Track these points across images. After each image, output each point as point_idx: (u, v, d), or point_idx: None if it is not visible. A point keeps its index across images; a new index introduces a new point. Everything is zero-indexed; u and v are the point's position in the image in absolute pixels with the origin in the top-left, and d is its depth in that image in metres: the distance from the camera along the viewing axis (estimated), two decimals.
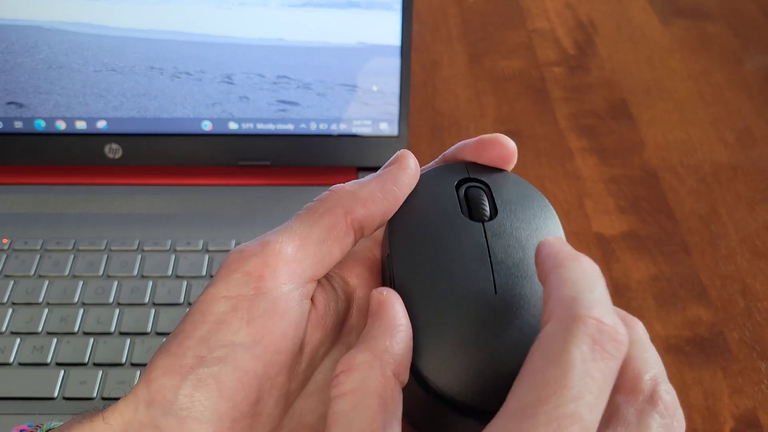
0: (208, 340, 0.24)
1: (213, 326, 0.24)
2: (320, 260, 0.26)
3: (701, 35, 0.77)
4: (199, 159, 0.56)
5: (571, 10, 0.81)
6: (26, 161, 0.55)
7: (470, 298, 0.24)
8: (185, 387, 0.23)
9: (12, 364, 0.44)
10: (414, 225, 0.26)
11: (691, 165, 0.62)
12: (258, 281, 0.24)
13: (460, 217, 0.26)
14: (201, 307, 0.24)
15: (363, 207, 0.26)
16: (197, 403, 0.23)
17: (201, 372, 0.23)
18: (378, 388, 0.22)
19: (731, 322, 0.50)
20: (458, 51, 0.75)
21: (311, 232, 0.25)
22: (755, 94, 0.70)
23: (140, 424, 0.24)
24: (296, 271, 0.25)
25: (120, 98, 0.53)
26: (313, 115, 0.54)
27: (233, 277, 0.24)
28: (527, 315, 0.24)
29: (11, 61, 0.52)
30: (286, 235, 0.25)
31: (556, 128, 0.66)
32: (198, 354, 0.24)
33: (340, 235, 0.26)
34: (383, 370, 0.23)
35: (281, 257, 0.25)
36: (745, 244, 0.56)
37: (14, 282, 0.48)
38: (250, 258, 0.25)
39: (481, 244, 0.25)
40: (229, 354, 0.24)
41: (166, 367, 0.24)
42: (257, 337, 0.24)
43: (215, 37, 0.52)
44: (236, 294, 0.24)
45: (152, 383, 0.24)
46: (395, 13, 0.52)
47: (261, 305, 0.24)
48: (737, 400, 0.46)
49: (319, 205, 0.26)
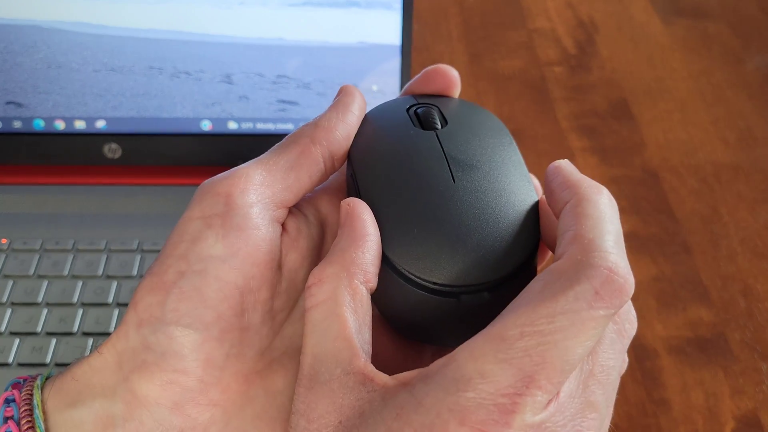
0: (187, 256, 0.25)
1: (189, 244, 0.25)
2: (288, 186, 0.27)
3: (702, 35, 0.77)
4: (198, 159, 0.56)
5: (572, 10, 0.81)
6: (25, 161, 0.55)
7: (431, 189, 0.26)
8: (170, 301, 0.24)
9: (11, 364, 0.44)
10: (372, 141, 0.28)
11: (692, 165, 0.62)
12: (227, 198, 0.26)
13: (413, 128, 0.28)
14: (178, 230, 0.26)
15: (326, 132, 0.28)
16: (184, 315, 0.24)
17: (183, 284, 0.24)
18: (346, 298, 0.23)
19: (732, 323, 0.50)
20: (458, 51, 0.75)
21: (278, 159, 0.27)
22: (756, 93, 0.70)
23: (132, 350, 0.24)
24: (265, 193, 0.26)
25: (119, 98, 0.53)
26: (313, 115, 0.54)
27: (205, 199, 0.26)
28: (486, 198, 0.25)
29: (10, 61, 0.52)
30: (254, 163, 0.27)
31: (556, 128, 0.66)
32: (178, 269, 0.25)
33: (308, 162, 0.27)
34: (350, 280, 0.24)
35: (249, 179, 0.26)
36: (747, 244, 0.56)
37: (13, 282, 0.48)
38: (220, 181, 0.26)
39: (436, 147, 0.27)
40: (208, 266, 0.25)
41: (149, 286, 0.25)
42: (233, 250, 0.25)
43: (215, 37, 0.52)
44: (209, 213, 0.26)
45: (138, 304, 0.25)
46: (395, 12, 0.52)
47: (233, 220, 0.25)
48: (738, 400, 0.46)
49: (286, 139, 0.28)
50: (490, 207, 0.25)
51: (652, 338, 0.49)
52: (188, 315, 0.24)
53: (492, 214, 0.25)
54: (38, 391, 0.25)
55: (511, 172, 0.27)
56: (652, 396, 0.45)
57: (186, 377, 0.24)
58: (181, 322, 0.24)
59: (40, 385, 0.26)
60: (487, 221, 0.25)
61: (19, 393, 0.25)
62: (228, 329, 0.25)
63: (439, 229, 0.25)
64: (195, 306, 0.24)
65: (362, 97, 0.30)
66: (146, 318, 0.24)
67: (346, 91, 0.30)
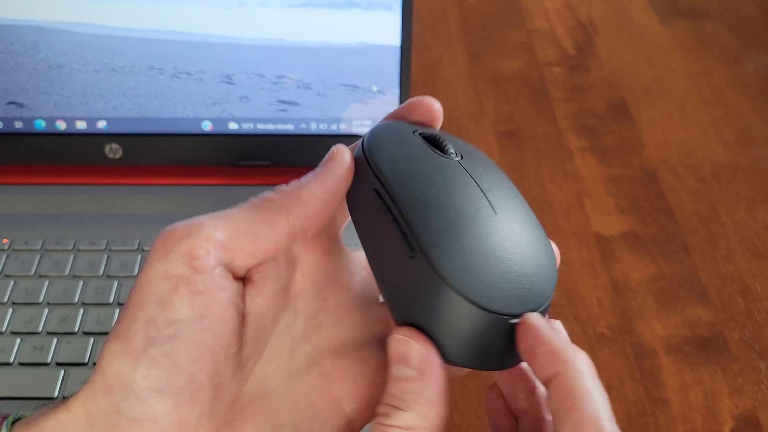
0: (155, 320, 0.24)
1: (157, 306, 0.24)
2: (253, 254, 0.26)
3: (701, 35, 0.77)
4: (199, 159, 0.56)
5: (571, 10, 0.81)
6: (26, 161, 0.55)
7: (481, 219, 0.26)
8: (140, 368, 0.24)
9: (12, 364, 0.44)
10: (396, 160, 0.28)
11: (690, 165, 0.62)
12: (191, 260, 0.25)
13: (436, 155, 0.28)
14: (142, 289, 0.25)
15: (305, 208, 0.27)
16: (155, 382, 0.24)
17: (153, 351, 0.24)
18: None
19: (731, 322, 0.50)
20: (458, 51, 0.75)
21: (249, 225, 0.26)
22: (755, 93, 0.70)
23: (102, 412, 0.24)
24: (228, 256, 0.26)
25: (120, 98, 0.53)
26: (313, 115, 0.55)
27: (170, 257, 0.25)
28: (521, 230, 0.27)
29: (11, 61, 0.52)
30: (223, 222, 0.26)
31: (555, 128, 0.66)
32: (147, 335, 0.24)
33: (279, 234, 0.27)
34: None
35: (213, 241, 0.26)
36: (745, 244, 0.56)
37: (14, 282, 0.48)
38: (185, 239, 0.25)
39: (466, 176, 0.28)
40: (177, 331, 0.24)
41: (117, 351, 0.24)
42: (201, 312, 0.25)
43: (215, 37, 0.52)
44: (174, 273, 0.25)
45: (107, 370, 0.24)
46: (395, 13, 0.52)
47: (198, 283, 0.25)
48: (737, 399, 0.46)
49: (262, 203, 0.27)
50: (526, 238, 0.27)
51: (651, 337, 0.49)
52: (160, 381, 0.24)
53: (529, 245, 0.27)
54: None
55: (523, 205, 0.29)
56: (651, 395, 0.46)
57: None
58: (153, 388, 0.24)
59: (8, 425, 0.25)
60: (526, 252, 0.26)
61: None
62: (200, 390, 0.25)
63: (498, 259, 0.25)
64: (167, 372, 0.24)
65: (352, 161, 0.28)
66: (116, 384, 0.24)
67: (336, 159, 0.28)
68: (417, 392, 0.24)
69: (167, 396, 0.24)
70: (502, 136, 0.65)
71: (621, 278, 0.53)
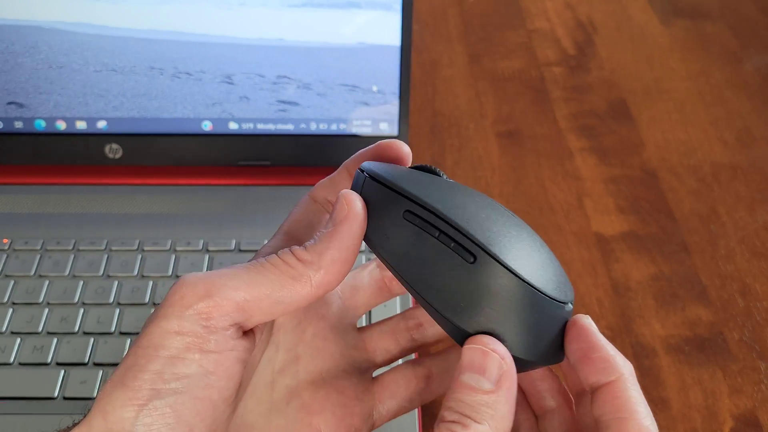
0: (163, 373, 0.25)
1: (167, 360, 0.25)
2: (269, 315, 0.27)
3: (701, 35, 0.77)
4: (199, 159, 0.56)
5: (571, 10, 0.81)
6: (26, 161, 0.55)
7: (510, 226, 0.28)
8: (142, 417, 0.24)
9: (12, 363, 0.44)
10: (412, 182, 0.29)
11: (690, 165, 0.62)
12: (208, 321, 0.26)
13: (437, 177, 0.30)
14: (154, 341, 0.25)
15: (326, 274, 0.27)
16: (155, 431, 0.24)
17: (158, 404, 0.25)
18: None
19: (731, 322, 0.50)
20: (458, 51, 0.75)
21: (271, 292, 0.26)
22: (755, 94, 0.70)
23: None
24: (244, 316, 0.26)
25: (120, 98, 0.53)
26: (313, 115, 0.55)
27: (186, 314, 0.25)
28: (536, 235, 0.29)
29: (11, 61, 0.52)
30: (244, 284, 0.26)
31: (555, 128, 0.66)
32: (154, 387, 0.25)
33: (299, 301, 0.27)
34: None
35: (232, 303, 0.26)
36: (745, 244, 0.56)
37: (14, 282, 0.48)
38: (203, 299, 0.26)
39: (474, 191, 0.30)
40: (184, 385, 0.25)
41: (122, 399, 0.24)
42: (210, 369, 0.25)
43: (215, 37, 0.52)
44: (188, 330, 0.25)
45: (109, 415, 0.24)
46: (395, 13, 0.52)
47: (212, 342, 0.25)
48: (737, 399, 0.46)
49: (285, 268, 0.27)
50: (541, 242, 0.29)
51: (650, 337, 0.49)
52: (159, 431, 0.24)
53: (546, 248, 0.29)
54: None
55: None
56: (650, 395, 0.46)
57: None
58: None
59: None
60: (549, 253, 0.29)
61: None
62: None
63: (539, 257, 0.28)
64: (168, 423, 0.25)
65: (365, 211, 0.28)
66: (116, 430, 0.24)
67: (349, 213, 0.28)
68: (493, 406, 0.25)
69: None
70: (502, 136, 0.65)
71: (621, 278, 0.53)
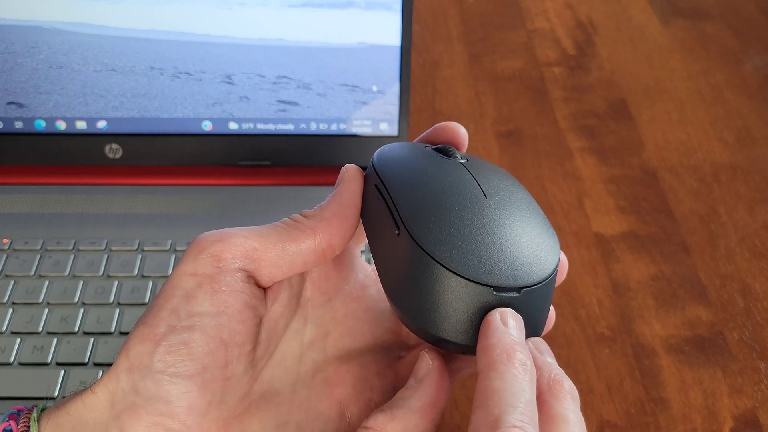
0: (178, 311, 0.27)
1: (182, 299, 0.27)
2: (279, 266, 0.29)
3: (701, 35, 0.78)
4: (199, 159, 0.56)
5: (571, 10, 0.81)
6: (26, 161, 0.55)
7: (463, 201, 0.28)
8: (159, 352, 0.26)
9: (12, 363, 0.44)
10: (397, 161, 0.30)
11: (690, 165, 0.62)
12: (219, 261, 0.28)
13: (439, 157, 0.30)
14: (171, 283, 0.28)
15: (328, 225, 0.30)
16: (171, 366, 0.26)
17: (172, 339, 0.26)
18: None
19: (731, 322, 0.50)
20: (458, 51, 0.75)
21: (278, 240, 0.29)
22: (755, 94, 0.70)
23: (123, 391, 0.27)
24: (253, 265, 0.29)
25: (120, 98, 0.53)
26: (313, 115, 0.55)
27: (200, 258, 0.28)
28: (522, 218, 0.28)
29: (11, 61, 0.52)
30: (252, 233, 0.29)
31: (555, 128, 0.66)
32: (169, 323, 0.27)
33: (305, 251, 0.29)
34: None
35: (242, 248, 0.28)
36: (745, 244, 0.56)
37: (14, 282, 0.48)
38: (216, 243, 0.28)
39: (463, 170, 0.29)
40: (197, 323, 0.27)
41: (141, 336, 0.27)
42: (221, 308, 0.27)
43: (215, 37, 0.52)
44: (201, 272, 0.28)
45: (130, 351, 0.27)
46: (395, 13, 0.52)
47: (221, 282, 0.28)
48: (737, 399, 0.46)
49: (291, 223, 0.30)
50: (522, 224, 0.28)
51: (650, 337, 0.49)
52: (175, 366, 0.26)
53: (524, 231, 0.28)
54: (35, 423, 0.27)
55: (529, 203, 0.30)
56: (650, 395, 0.46)
57: (170, 421, 0.26)
58: (168, 371, 0.26)
59: (36, 417, 0.27)
60: (513, 232, 0.27)
61: (17, 424, 0.27)
62: (211, 380, 0.27)
63: (483, 236, 0.27)
64: (182, 358, 0.26)
65: (362, 178, 0.31)
66: (136, 365, 0.26)
67: (348, 176, 0.31)
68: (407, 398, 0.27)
69: (180, 380, 0.26)
70: (502, 136, 0.65)
71: (621, 278, 0.53)
